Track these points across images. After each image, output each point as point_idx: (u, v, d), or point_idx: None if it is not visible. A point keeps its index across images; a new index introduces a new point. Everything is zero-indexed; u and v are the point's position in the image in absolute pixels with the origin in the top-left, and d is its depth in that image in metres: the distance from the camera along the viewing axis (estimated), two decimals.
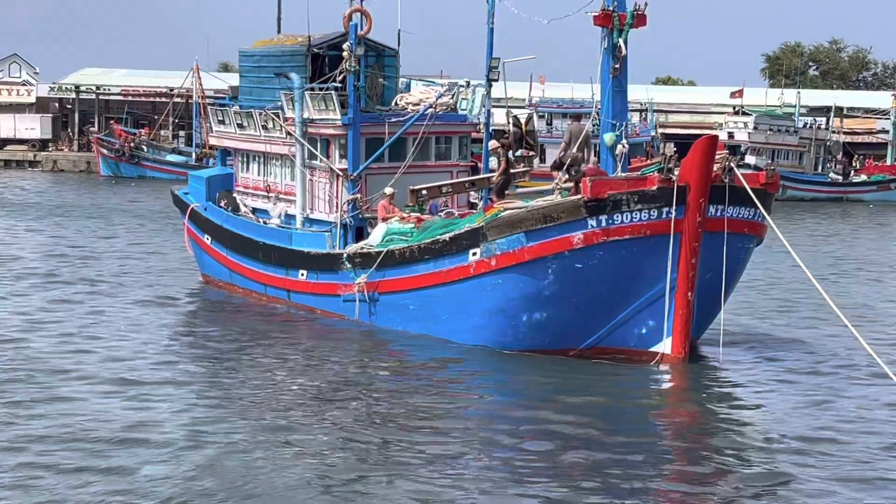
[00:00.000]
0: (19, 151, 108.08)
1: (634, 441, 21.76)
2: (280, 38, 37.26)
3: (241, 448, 20.80)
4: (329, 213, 33.61)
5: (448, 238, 29.14)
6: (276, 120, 34.75)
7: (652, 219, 26.88)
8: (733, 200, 27.31)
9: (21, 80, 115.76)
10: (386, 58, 35.61)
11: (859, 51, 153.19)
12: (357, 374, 27.25)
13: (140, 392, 24.49)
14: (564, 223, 27.03)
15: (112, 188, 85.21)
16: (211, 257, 38.38)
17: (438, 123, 33.91)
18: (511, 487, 19.07)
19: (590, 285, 27.41)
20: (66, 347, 28.61)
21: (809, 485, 19.57)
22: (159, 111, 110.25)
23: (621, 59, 28.66)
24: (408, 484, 19.03)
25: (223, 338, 31.02)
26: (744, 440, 22.40)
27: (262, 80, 36.49)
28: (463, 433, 22.07)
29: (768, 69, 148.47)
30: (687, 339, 27.60)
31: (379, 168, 32.68)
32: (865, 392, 26.13)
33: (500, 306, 28.30)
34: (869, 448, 21.74)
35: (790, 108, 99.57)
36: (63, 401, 23.66)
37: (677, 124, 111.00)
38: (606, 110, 29.07)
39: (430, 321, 30.03)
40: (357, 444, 21.18)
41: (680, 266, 27.05)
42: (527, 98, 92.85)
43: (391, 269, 30.57)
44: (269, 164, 36.40)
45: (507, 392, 26.19)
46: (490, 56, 32.80)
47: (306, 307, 33.83)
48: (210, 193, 38.45)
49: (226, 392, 25.14)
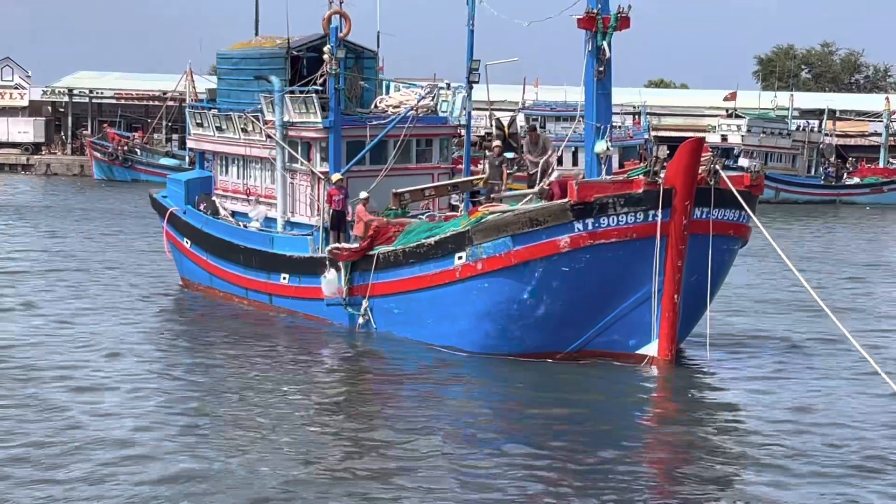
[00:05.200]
0: (12, 155, 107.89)
1: (621, 443, 21.78)
2: (258, 39, 37.14)
3: (216, 453, 20.58)
4: (310, 216, 33.36)
5: (433, 242, 29.03)
6: (256, 123, 34.55)
7: (638, 222, 26.89)
8: (718, 203, 27.32)
9: (14, 83, 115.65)
10: (365, 60, 35.52)
11: (851, 53, 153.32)
12: (340, 379, 27.17)
13: (114, 398, 24.22)
14: (551, 226, 27.03)
15: (103, 191, 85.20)
16: (190, 261, 38.15)
17: (419, 126, 33.74)
18: (496, 488, 19.01)
19: (576, 288, 27.38)
20: (37, 352, 28.32)
21: (795, 485, 19.56)
22: (152, 115, 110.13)
23: (605, 62, 28.67)
24: (388, 487, 18.95)
25: (204, 342, 30.85)
26: (730, 441, 22.40)
27: (241, 83, 36.27)
28: (447, 436, 22.05)
29: (761, 72, 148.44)
30: (673, 342, 27.60)
31: (360, 171, 32.39)
32: (854, 391, 26.21)
33: (486, 310, 28.19)
34: (856, 446, 21.82)
35: (783, 110, 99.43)
36: (30, 404, 23.46)
37: (670, 127, 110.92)
38: (590, 113, 29.05)
39: (415, 325, 29.90)
40: (340, 449, 21.14)
41: (666, 269, 27.07)
42: (520, 101, 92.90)
43: (376, 272, 30.31)
44: (249, 167, 36.19)
45: (495, 396, 26.08)
46: (470, 58, 32.67)
47: (289, 311, 33.64)
48: (189, 197, 38.21)
49: (206, 396, 24.86)
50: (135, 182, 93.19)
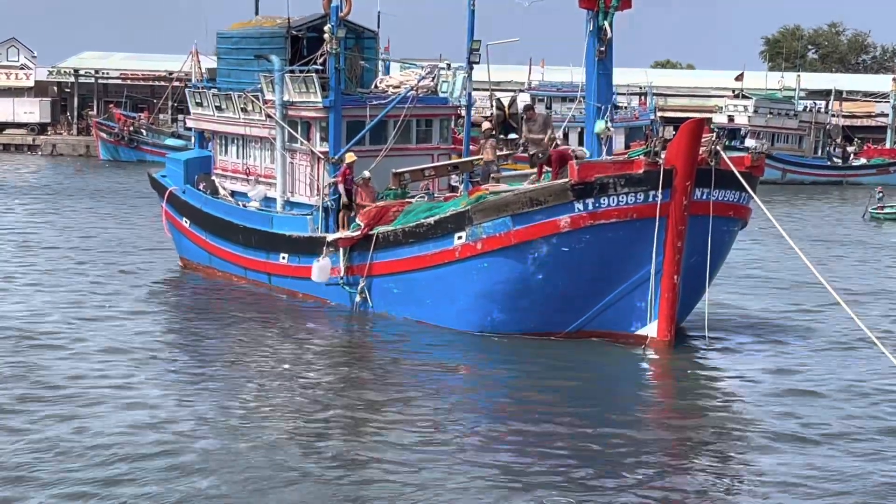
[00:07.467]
0: (18, 135, 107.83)
1: (617, 424, 21.70)
2: (258, 19, 37.01)
3: (219, 434, 20.52)
4: (310, 196, 33.29)
5: (433, 221, 29.00)
6: (256, 102, 34.46)
7: (638, 202, 26.86)
8: (719, 183, 27.29)
9: (19, 63, 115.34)
10: (365, 39, 35.41)
11: (858, 34, 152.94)
12: (339, 359, 27.04)
13: (112, 380, 24.09)
14: (551, 206, 27.00)
15: (108, 171, 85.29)
16: (190, 241, 38.13)
17: (419, 106, 33.62)
18: (494, 471, 18.92)
19: (576, 269, 27.37)
20: (33, 328, 28.38)
21: (795, 465, 19.52)
22: (158, 95, 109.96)
23: (606, 42, 28.52)
24: (391, 470, 18.86)
25: (201, 321, 30.80)
26: (729, 422, 22.36)
27: (240, 63, 36.18)
28: (446, 416, 22.08)
29: (767, 52, 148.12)
30: (673, 323, 27.53)
31: (360, 151, 32.27)
32: (856, 371, 26.18)
33: (485, 290, 28.16)
34: (857, 426, 21.81)
35: (790, 91, 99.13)
36: (27, 377, 23.58)
37: (677, 108, 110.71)
38: (591, 93, 28.93)
39: (414, 305, 29.88)
40: (338, 430, 21.10)
41: (666, 249, 27.02)
42: (525, 82, 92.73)
43: (375, 252, 30.29)
44: (249, 147, 36.12)
45: (493, 376, 26.00)
46: (471, 38, 32.64)
47: (287, 290, 33.59)
48: (188, 176, 38.16)
49: (203, 376, 24.76)
50: (140, 162, 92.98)
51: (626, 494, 18.04)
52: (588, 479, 18.62)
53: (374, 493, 17.80)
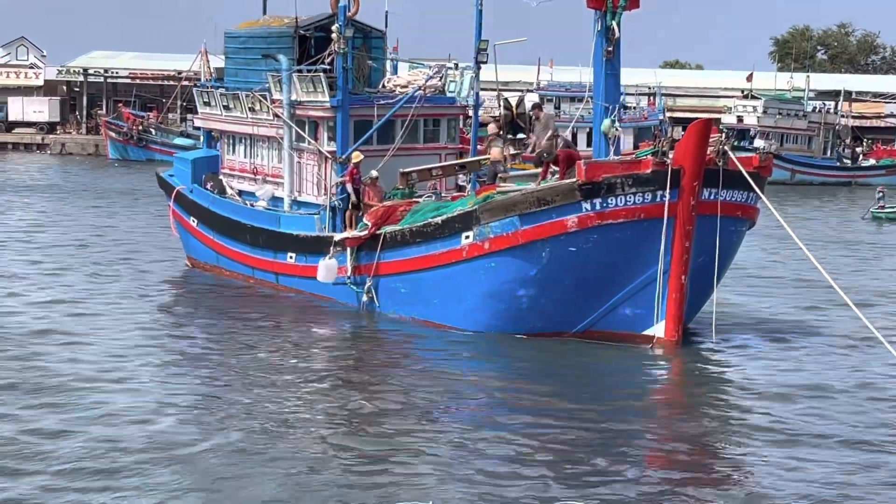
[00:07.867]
0: (27, 134, 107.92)
1: (625, 424, 21.72)
2: (266, 19, 37.04)
3: (225, 432, 20.52)
4: (317, 195, 33.30)
5: (440, 221, 28.98)
6: (264, 102, 34.49)
7: (646, 202, 26.81)
8: (727, 184, 27.26)
9: (29, 63, 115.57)
10: (373, 39, 35.39)
11: (868, 35, 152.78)
12: (347, 359, 27.11)
13: (121, 378, 24.14)
14: (559, 206, 26.97)
15: (117, 170, 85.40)
16: (197, 240, 38.18)
17: (427, 106, 33.67)
18: (502, 469, 18.95)
19: (584, 269, 27.33)
20: (41, 327, 28.44)
21: (802, 464, 19.52)
22: (167, 94, 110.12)
23: (614, 42, 28.49)
24: (394, 467, 18.91)
25: (210, 321, 30.82)
26: (736, 422, 22.37)
27: (248, 62, 36.22)
28: (454, 416, 22.16)
29: (777, 53, 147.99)
30: (680, 323, 27.51)
31: (367, 150, 32.27)
32: (863, 370, 26.23)
33: (493, 290, 28.14)
34: (864, 424, 21.83)
35: (799, 91, 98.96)
36: (34, 383, 23.41)
37: (686, 108, 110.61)
38: (599, 94, 28.90)
39: (421, 305, 29.86)
40: (344, 427, 21.14)
41: (674, 249, 26.99)
42: (534, 82, 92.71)
43: (382, 252, 30.27)
44: (256, 147, 36.18)
45: (500, 376, 25.95)
46: (479, 38, 32.74)
47: (295, 290, 33.60)
48: (195, 176, 38.17)
49: (210, 375, 24.85)
50: (149, 162, 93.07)
51: (633, 493, 18.02)
52: (594, 478, 18.61)
53: (376, 491, 17.78)
